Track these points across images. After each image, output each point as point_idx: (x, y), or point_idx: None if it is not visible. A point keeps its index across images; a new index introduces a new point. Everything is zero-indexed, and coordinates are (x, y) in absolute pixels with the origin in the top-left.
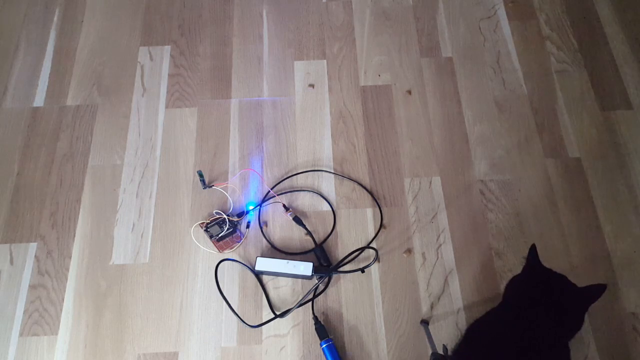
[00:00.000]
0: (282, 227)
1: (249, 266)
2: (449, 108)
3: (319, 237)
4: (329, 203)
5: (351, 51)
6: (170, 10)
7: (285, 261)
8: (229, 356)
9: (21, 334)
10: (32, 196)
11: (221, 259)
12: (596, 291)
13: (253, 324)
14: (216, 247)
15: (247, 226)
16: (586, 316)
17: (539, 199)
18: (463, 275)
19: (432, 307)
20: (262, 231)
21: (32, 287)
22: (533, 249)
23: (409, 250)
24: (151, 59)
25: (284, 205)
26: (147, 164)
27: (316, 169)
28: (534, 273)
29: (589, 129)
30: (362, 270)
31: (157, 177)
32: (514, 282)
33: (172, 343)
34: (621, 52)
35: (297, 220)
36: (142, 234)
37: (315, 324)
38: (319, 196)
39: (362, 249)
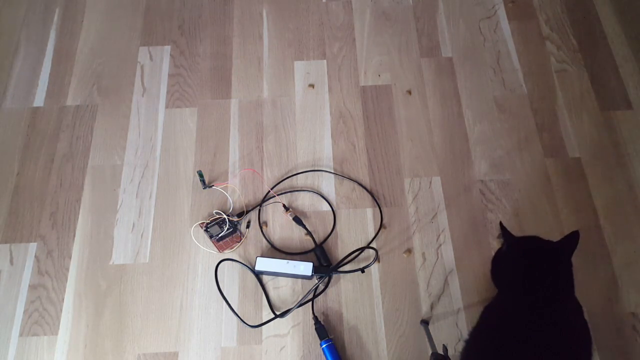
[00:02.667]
0: (282, 227)
1: (249, 266)
2: (449, 108)
3: (319, 237)
4: (329, 203)
5: (351, 51)
6: (170, 10)
7: (285, 261)
8: (229, 356)
9: (21, 334)
10: (32, 196)
11: (221, 259)
12: (572, 240)
13: (253, 324)
14: (216, 247)
15: (247, 226)
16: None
17: (539, 199)
18: (463, 275)
19: (432, 307)
20: (262, 231)
21: (32, 287)
22: (502, 226)
23: (409, 250)
24: (151, 59)
25: (284, 205)
26: (147, 164)
27: (316, 169)
28: (514, 247)
29: (589, 129)
30: (362, 270)
31: (157, 177)
32: (500, 264)
33: (172, 343)
34: (621, 52)
35: (297, 220)
36: (142, 234)
37: (315, 324)
38: (319, 196)
39: (362, 249)
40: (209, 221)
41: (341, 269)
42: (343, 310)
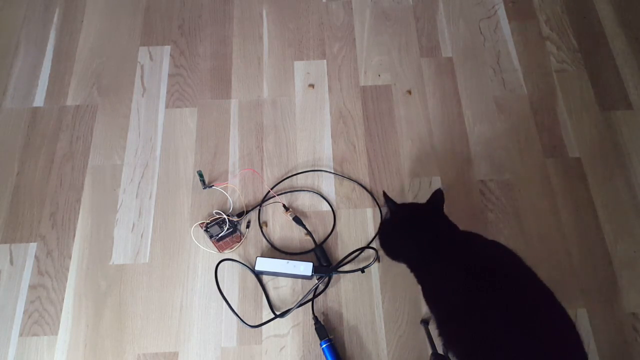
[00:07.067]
0: (282, 227)
1: (249, 266)
2: (449, 108)
3: (319, 237)
4: (329, 203)
5: (351, 51)
6: (170, 10)
7: (285, 261)
8: (229, 356)
9: (21, 334)
10: (32, 196)
11: (221, 259)
12: (439, 196)
13: (253, 324)
14: (216, 247)
15: (247, 226)
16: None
17: (539, 199)
18: None
19: None
20: (262, 231)
21: (32, 287)
22: (385, 195)
23: None
24: (151, 59)
25: (284, 205)
26: (147, 164)
27: (316, 169)
28: (398, 214)
29: (589, 129)
30: (362, 270)
31: (157, 177)
32: (389, 233)
33: (172, 343)
34: (621, 52)
35: (297, 220)
36: (142, 234)
37: (315, 324)
38: (319, 196)
39: (362, 249)
40: (209, 221)
41: (341, 269)
42: (343, 310)
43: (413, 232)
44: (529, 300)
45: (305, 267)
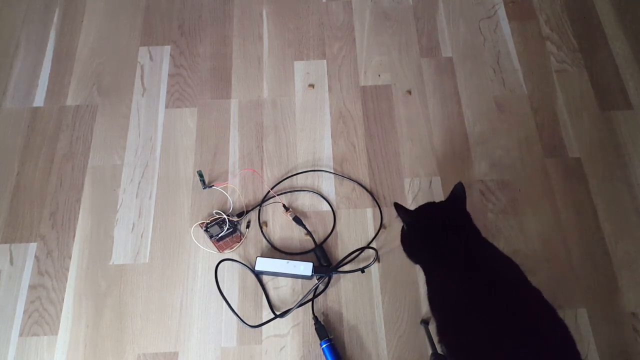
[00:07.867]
0: (282, 227)
1: (249, 266)
2: (449, 108)
3: (319, 237)
4: (329, 203)
5: (351, 51)
6: (170, 10)
7: (285, 261)
8: (229, 356)
9: (21, 334)
10: (32, 196)
11: (221, 259)
12: (460, 191)
13: (253, 324)
14: (216, 247)
15: (247, 226)
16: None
17: (539, 199)
18: None
19: None
20: (262, 231)
21: (32, 287)
22: (397, 206)
23: None
24: (151, 59)
25: (284, 205)
26: (147, 164)
27: (316, 169)
28: (415, 221)
29: (589, 129)
30: (362, 270)
31: (157, 177)
32: (410, 241)
33: (172, 343)
34: (621, 52)
35: (297, 220)
36: (142, 234)
37: (315, 323)
38: (319, 196)
39: (362, 249)
40: (209, 221)
41: (341, 269)
42: (343, 310)
43: (434, 239)
44: (532, 320)
45: (305, 267)
